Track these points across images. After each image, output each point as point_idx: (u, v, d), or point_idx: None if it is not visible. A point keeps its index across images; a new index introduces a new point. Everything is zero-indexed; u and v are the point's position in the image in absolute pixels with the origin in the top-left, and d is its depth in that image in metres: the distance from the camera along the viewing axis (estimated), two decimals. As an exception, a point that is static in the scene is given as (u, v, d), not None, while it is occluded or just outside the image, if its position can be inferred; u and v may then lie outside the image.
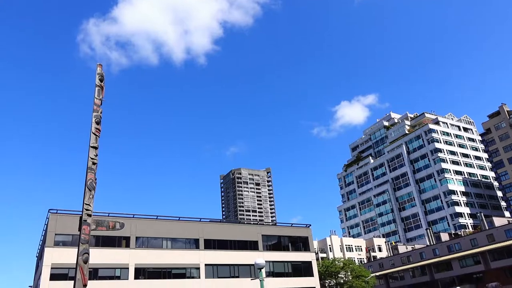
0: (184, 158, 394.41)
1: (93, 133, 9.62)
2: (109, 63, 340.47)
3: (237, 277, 53.66)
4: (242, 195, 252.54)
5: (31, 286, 71.76)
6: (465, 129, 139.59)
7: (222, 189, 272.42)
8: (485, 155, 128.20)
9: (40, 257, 51.93)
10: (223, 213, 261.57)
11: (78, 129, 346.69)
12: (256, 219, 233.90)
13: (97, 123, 9.81)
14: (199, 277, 51.41)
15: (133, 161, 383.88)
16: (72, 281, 8.19)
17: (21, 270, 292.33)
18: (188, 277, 51.17)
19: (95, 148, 9.51)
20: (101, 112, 10.06)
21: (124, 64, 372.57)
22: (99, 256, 43.56)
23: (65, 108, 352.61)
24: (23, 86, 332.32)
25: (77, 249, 8.29)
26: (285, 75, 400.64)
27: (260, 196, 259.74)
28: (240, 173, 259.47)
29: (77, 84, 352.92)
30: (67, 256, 41.19)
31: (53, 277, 43.22)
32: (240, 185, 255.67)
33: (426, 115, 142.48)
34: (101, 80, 10.55)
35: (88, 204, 8.78)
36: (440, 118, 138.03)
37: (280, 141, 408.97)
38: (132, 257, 48.42)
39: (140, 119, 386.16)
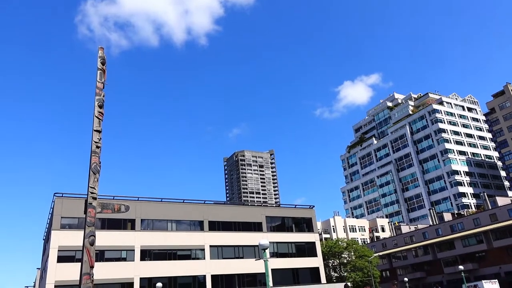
0: (186, 140, 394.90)
1: (96, 116, 9.59)
2: (109, 45, 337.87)
3: (242, 257, 54.38)
4: (245, 177, 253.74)
5: (39, 268, 73.16)
6: (469, 109, 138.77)
7: (226, 172, 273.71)
8: (489, 135, 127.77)
9: (47, 240, 52.68)
10: (227, 195, 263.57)
11: (79, 111, 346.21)
12: (260, 201, 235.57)
13: (100, 106, 9.78)
14: (204, 258, 52.13)
15: (134, 144, 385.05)
16: (79, 263, 8.29)
17: (29, 252, 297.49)
18: (193, 258, 51.90)
19: (99, 131, 9.50)
20: (103, 96, 10.01)
21: (123, 46, 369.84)
22: (105, 239, 44.15)
23: (66, 90, 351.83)
24: (23, 68, 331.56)
25: (83, 232, 8.37)
26: (287, 55, 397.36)
27: (264, 178, 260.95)
28: (243, 156, 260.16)
29: (77, 66, 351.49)
30: (74, 238, 41.77)
31: (61, 259, 43.95)
32: (243, 167, 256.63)
33: (430, 95, 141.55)
34: (102, 64, 10.47)
35: (93, 187, 8.83)
36: (444, 98, 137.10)
37: (283, 122, 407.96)
38: (137, 239, 49.06)
39: (140, 101, 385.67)
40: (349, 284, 35.51)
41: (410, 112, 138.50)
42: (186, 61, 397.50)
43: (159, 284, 33.68)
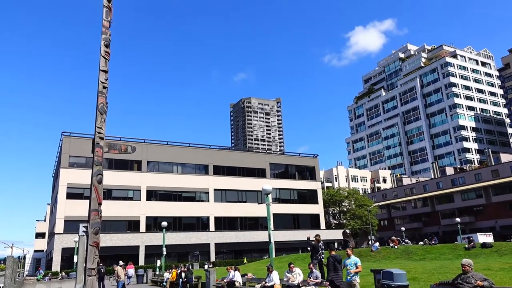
0: (192, 84, 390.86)
1: (102, 56, 9.47)
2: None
3: (245, 202, 55.95)
4: (251, 124, 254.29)
5: (49, 204, 75.91)
6: (483, 64, 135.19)
7: (232, 118, 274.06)
8: (500, 91, 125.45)
9: (56, 177, 54.16)
10: (232, 141, 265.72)
11: (80, 49, 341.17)
12: (265, 148, 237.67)
13: (106, 46, 9.62)
14: (208, 201, 53.69)
15: (139, 87, 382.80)
16: (88, 200, 8.59)
17: (39, 187, 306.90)
18: (198, 200, 53.49)
19: (105, 71, 9.43)
20: (110, 35, 9.81)
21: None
22: (112, 178, 45.31)
23: (68, 29, 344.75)
24: (25, 7, 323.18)
25: (91, 170, 8.58)
26: None
27: (269, 126, 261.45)
28: (250, 102, 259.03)
29: (80, 3, 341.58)
30: (82, 177, 42.93)
31: (69, 195, 45.52)
32: (249, 114, 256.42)
33: (444, 47, 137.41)
34: (108, 1, 10.16)
35: (100, 128, 8.92)
36: (458, 51, 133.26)
37: (290, 68, 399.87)
38: (143, 180, 50.33)
39: (142, 44, 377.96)
40: (347, 231, 36.88)
41: (422, 65, 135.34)
42: (191, 1, 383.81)
43: (164, 223, 34.99)
